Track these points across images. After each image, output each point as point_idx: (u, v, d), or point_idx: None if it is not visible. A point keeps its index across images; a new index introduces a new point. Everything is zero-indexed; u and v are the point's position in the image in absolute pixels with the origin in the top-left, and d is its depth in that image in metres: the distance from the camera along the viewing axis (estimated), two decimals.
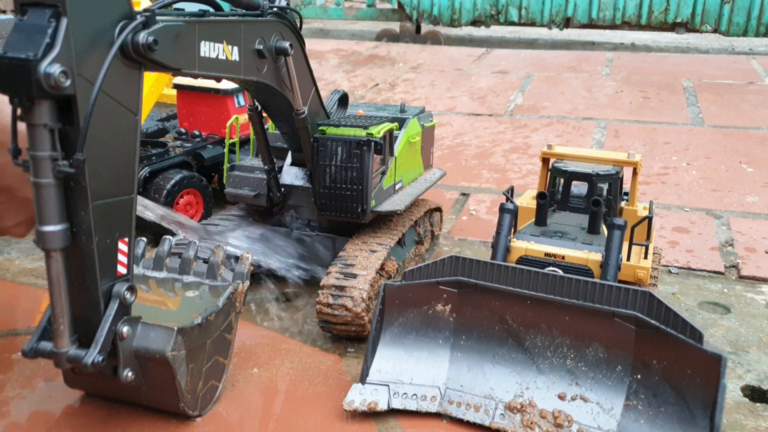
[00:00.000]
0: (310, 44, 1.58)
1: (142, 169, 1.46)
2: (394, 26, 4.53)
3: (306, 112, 1.12)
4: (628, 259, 1.06)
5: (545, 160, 1.24)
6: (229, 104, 1.70)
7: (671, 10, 3.73)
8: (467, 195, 1.86)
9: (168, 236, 1.03)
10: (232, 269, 0.99)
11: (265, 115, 1.20)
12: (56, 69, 0.63)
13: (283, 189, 1.27)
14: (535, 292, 0.93)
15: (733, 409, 0.97)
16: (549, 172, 1.23)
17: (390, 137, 1.21)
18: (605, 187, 1.16)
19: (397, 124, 1.26)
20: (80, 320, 0.76)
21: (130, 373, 0.81)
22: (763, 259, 1.45)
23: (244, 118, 1.56)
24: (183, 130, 1.70)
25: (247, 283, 0.99)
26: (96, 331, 0.75)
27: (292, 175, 1.27)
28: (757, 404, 0.99)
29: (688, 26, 3.75)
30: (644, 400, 0.87)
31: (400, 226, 1.28)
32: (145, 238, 1.03)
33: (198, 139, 1.68)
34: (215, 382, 0.95)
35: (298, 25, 1.07)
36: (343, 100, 1.31)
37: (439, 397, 0.95)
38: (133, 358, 0.82)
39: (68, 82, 0.64)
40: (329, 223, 1.30)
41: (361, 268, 1.12)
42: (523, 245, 1.05)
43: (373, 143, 1.12)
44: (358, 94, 2.82)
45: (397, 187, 1.28)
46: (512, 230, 1.07)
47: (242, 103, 1.73)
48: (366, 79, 3.08)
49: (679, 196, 1.80)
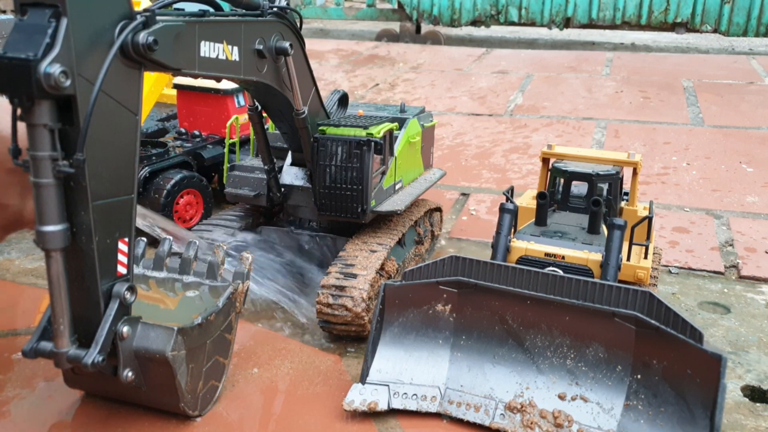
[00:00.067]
0: (310, 44, 1.58)
1: (142, 169, 1.46)
2: (394, 26, 4.52)
3: (306, 112, 1.12)
4: (628, 259, 1.06)
5: (545, 160, 1.24)
6: (229, 104, 1.70)
7: (671, 10, 3.73)
8: (467, 195, 1.86)
9: (168, 236, 1.03)
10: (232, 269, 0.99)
11: (265, 115, 1.20)
12: (56, 69, 0.63)
13: (283, 189, 1.27)
14: (535, 292, 0.93)
15: (733, 409, 0.97)
16: (549, 172, 1.23)
17: (390, 137, 1.21)
18: (605, 187, 1.16)
19: (397, 124, 1.26)
20: (80, 320, 0.76)
21: (130, 373, 0.81)
22: (763, 259, 1.45)
23: (244, 118, 1.56)
24: (183, 130, 1.70)
25: (248, 283, 0.99)
26: (96, 331, 0.75)
27: (292, 175, 1.27)
28: (757, 404, 0.99)
29: (688, 26, 3.75)
30: (644, 400, 0.87)
31: (400, 226, 1.28)
32: (145, 238, 1.03)
33: (198, 139, 1.68)
34: (215, 382, 0.95)
35: (298, 25, 1.07)
36: (343, 100, 1.31)
37: (439, 397, 0.95)
38: (133, 358, 0.82)
39: (68, 82, 0.65)
40: (329, 223, 1.30)
41: (361, 268, 1.12)
42: (523, 245, 1.05)
43: (373, 143, 1.12)
44: (358, 94, 2.82)
45: (397, 187, 1.28)
46: (512, 230, 1.07)
47: (242, 103, 1.73)
48: (366, 79, 3.08)
49: (679, 196, 1.80)
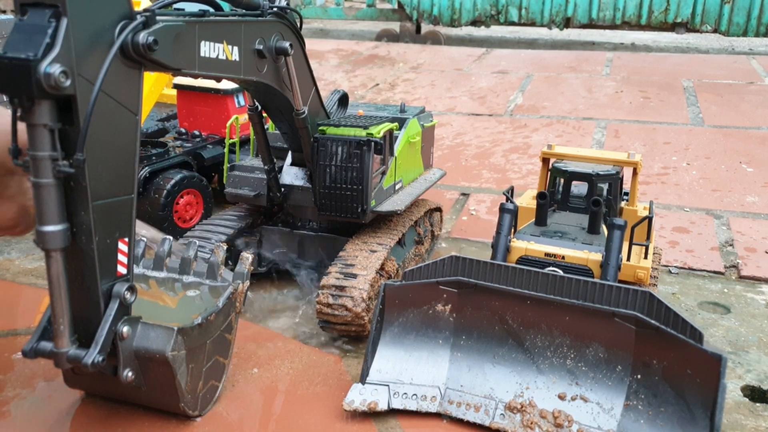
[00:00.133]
0: (310, 44, 1.58)
1: (142, 169, 1.46)
2: (394, 26, 4.52)
3: (306, 112, 1.12)
4: (628, 259, 1.06)
5: (545, 160, 1.24)
6: (229, 104, 1.70)
7: (671, 10, 3.73)
8: (467, 195, 1.86)
9: (168, 236, 1.03)
10: (231, 269, 0.99)
11: (265, 115, 1.20)
12: (56, 69, 0.63)
13: (283, 189, 1.27)
14: (535, 292, 0.93)
15: (733, 409, 0.97)
16: (549, 172, 1.23)
17: (390, 137, 1.21)
18: (605, 187, 1.17)
19: (397, 124, 1.26)
20: (80, 320, 0.75)
21: (130, 373, 0.81)
22: (763, 259, 1.45)
23: (244, 118, 1.56)
24: (183, 130, 1.70)
25: (247, 283, 0.99)
26: (96, 331, 0.75)
27: (292, 175, 1.27)
28: (757, 404, 0.99)
29: (688, 26, 3.75)
30: (644, 400, 0.87)
31: (400, 226, 1.28)
32: (145, 239, 1.03)
33: (198, 139, 1.68)
34: (215, 382, 0.95)
35: (298, 25, 1.07)
36: (343, 100, 1.31)
37: (439, 397, 0.95)
38: (133, 358, 0.82)
39: (68, 82, 0.64)
40: (329, 223, 1.30)
41: (361, 268, 1.12)
42: (523, 245, 1.05)
43: (373, 143, 1.13)
44: (358, 94, 2.82)
45: (397, 187, 1.28)
46: (512, 230, 1.07)
47: (242, 103, 1.73)
48: (366, 79, 3.08)
49: (679, 196, 1.80)
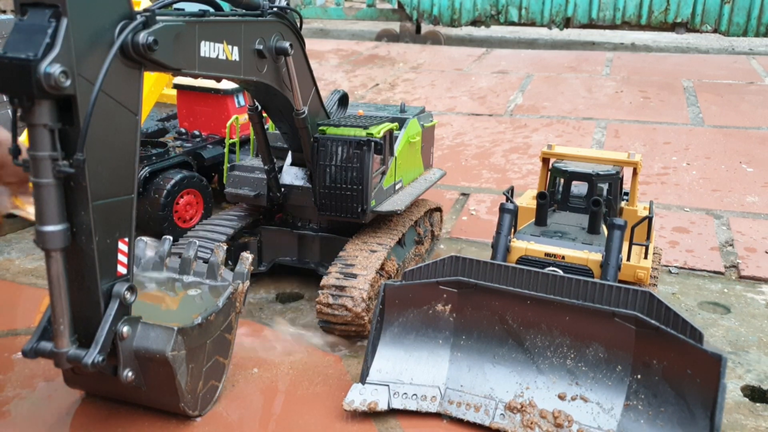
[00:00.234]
0: (310, 44, 1.58)
1: (142, 169, 1.46)
2: (394, 26, 4.52)
3: (306, 112, 1.12)
4: (628, 259, 1.06)
5: (545, 160, 1.24)
6: (229, 104, 1.70)
7: (671, 10, 3.73)
8: (467, 195, 1.85)
9: (168, 236, 1.03)
10: (232, 269, 0.99)
11: (265, 115, 1.20)
12: (56, 69, 0.63)
13: (283, 189, 1.27)
14: (535, 292, 0.93)
15: (733, 409, 0.97)
16: (549, 172, 1.23)
17: (390, 137, 1.21)
18: (605, 187, 1.16)
19: (397, 124, 1.26)
20: (80, 320, 0.76)
21: (130, 373, 0.81)
22: (763, 259, 1.45)
23: (244, 118, 1.56)
24: (183, 130, 1.70)
25: (247, 283, 0.99)
26: (96, 331, 0.75)
27: (292, 175, 1.27)
28: (757, 404, 0.99)
29: (688, 26, 3.75)
30: (644, 400, 0.87)
31: (400, 226, 1.28)
32: (145, 238, 1.03)
33: (198, 139, 1.68)
34: (215, 382, 0.95)
35: (298, 25, 1.07)
36: (343, 100, 1.31)
37: (439, 397, 0.95)
38: (133, 358, 0.82)
39: (68, 82, 0.65)
40: (329, 223, 1.30)
41: (361, 268, 1.11)
42: (523, 245, 1.05)
43: (373, 143, 1.12)
44: (358, 94, 2.82)
45: (397, 187, 1.28)
46: (512, 230, 1.07)
47: (242, 103, 1.73)
48: (366, 79, 3.08)
49: (679, 196, 1.80)
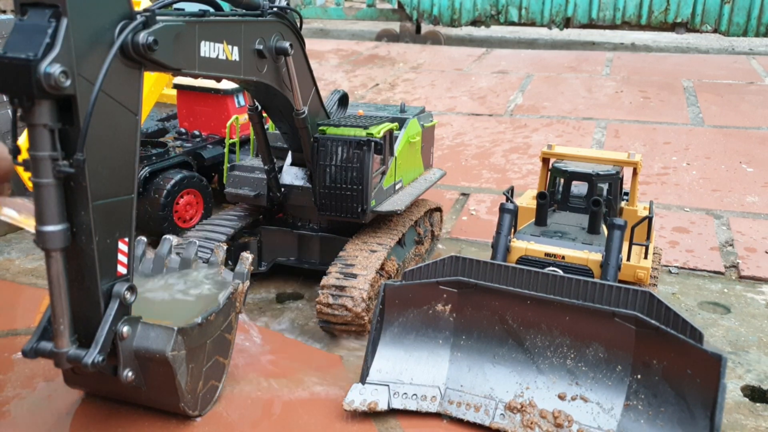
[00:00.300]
0: (310, 44, 1.58)
1: (142, 169, 1.46)
2: (394, 26, 4.52)
3: (306, 112, 1.12)
4: (628, 259, 1.06)
5: (545, 160, 1.24)
6: (229, 104, 1.70)
7: (671, 10, 3.73)
8: (467, 195, 1.85)
9: (168, 236, 1.03)
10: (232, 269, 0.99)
11: (265, 115, 1.20)
12: (56, 69, 0.63)
13: (283, 189, 1.27)
14: (535, 292, 0.93)
15: (733, 409, 0.97)
16: (549, 172, 1.23)
17: (390, 137, 1.21)
18: (605, 187, 1.16)
19: (397, 124, 1.26)
20: (80, 320, 0.76)
21: (130, 373, 0.81)
22: (763, 259, 1.45)
23: (244, 118, 1.56)
24: (183, 130, 1.70)
25: (247, 283, 0.99)
26: (96, 331, 0.75)
27: (292, 175, 1.27)
28: (757, 404, 0.99)
29: (688, 26, 3.75)
30: (644, 400, 0.87)
31: (400, 226, 1.28)
32: (145, 238, 1.03)
33: (198, 139, 1.68)
34: (215, 382, 0.95)
35: (298, 25, 1.07)
36: (343, 100, 1.31)
37: (439, 397, 0.95)
38: (133, 358, 0.82)
39: (68, 82, 0.64)
40: (329, 223, 1.30)
41: (361, 268, 1.11)
42: (523, 245, 1.05)
43: (373, 143, 1.12)
44: (358, 94, 2.82)
45: (397, 187, 1.28)
46: (512, 230, 1.07)
47: (242, 103, 1.73)
48: (366, 79, 3.08)
49: (679, 196, 1.80)
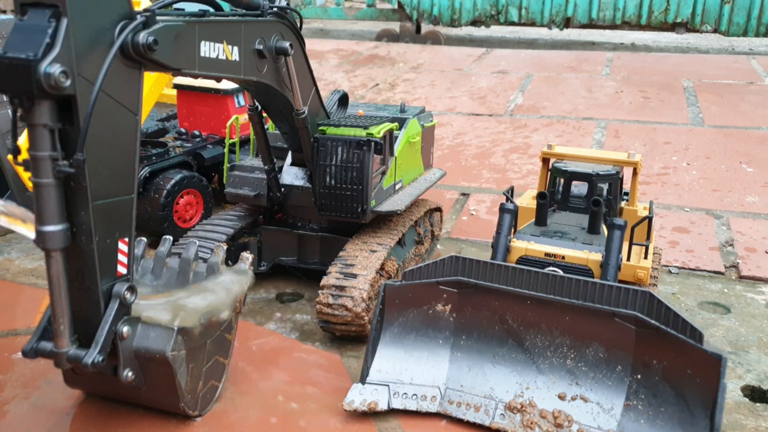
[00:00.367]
0: (310, 44, 1.58)
1: (142, 169, 1.46)
2: (394, 26, 4.52)
3: (306, 112, 1.12)
4: (628, 259, 1.06)
5: (545, 160, 1.24)
6: (229, 104, 1.70)
7: (671, 10, 3.73)
8: (467, 195, 1.86)
9: (168, 236, 1.03)
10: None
11: (265, 115, 1.20)
12: (56, 69, 0.63)
13: (283, 189, 1.27)
14: (535, 292, 0.93)
15: (733, 409, 0.97)
16: (549, 172, 1.23)
17: (390, 137, 1.21)
18: (605, 187, 1.16)
19: (397, 124, 1.26)
20: (80, 320, 0.75)
21: (130, 373, 0.81)
22: (763, 259, 1.45)
23: (244, 118, 1.56)
24: (183, 130, 1.70)
25: (248, 284, 0.99)
26: (96, 331, 0.75)
27: (292, 175, 1.27)
28: (757, 404, 0.99)
29: (688, 26, 3.75)
30: (644, 400, 0.87)
31: (400, 226, 1.28)
32: (145, 238, 1.03)
33: (198, 139, 1.68)
34: (215, 382, 0.95)
35: (298, 25, 1.07)
36: (343, 100, 1.31)
37: (439, 397, 0.95)
38: (133, 358, 0.82)
39: (68, 82, 0.64)
40: (329, 223, 1.30)
41: (361, 268, 1.11)
42: (523, 245, 1.05)
43: (373, 143, 1.12)
44: (358, 94, 2.82)
45: (397, 187, 1.28)
46: (512, 230, 1.07)
47: (242, 103, 1.73)
48: (366, 79, 3.08)
49: (679, 196, 1.80)
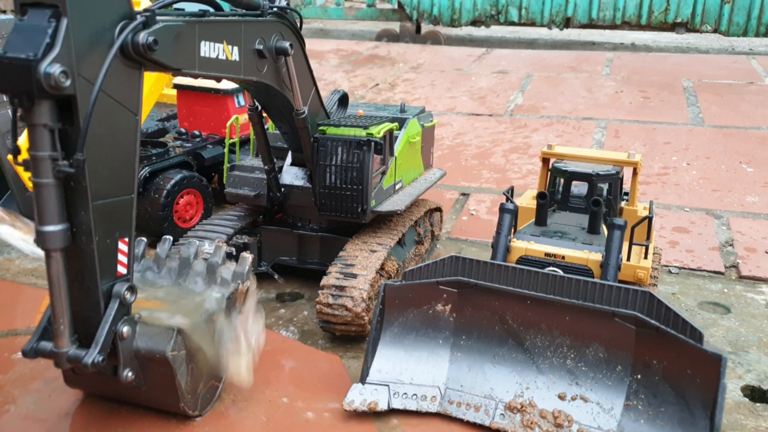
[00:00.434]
0: (310, 44, 1.58)
1: (142, 169, 1.45)
2: (394, 26, 4.52)
3: (306, 112, 1.12)
4: (628, 259, 1.06)
5: (545, 160, 1.24)
6: (229, 104, 1.70)
7: (671, 10, 3.73)
8: (467, 195, 1.85)
9: (168, 236, 1.03)
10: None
11: (265, 115, 1.20)
12: (56, 69, 0.63)
13: (283, 189, 1.27)
14: (535, 292, 0.93)
15: (733, 409, 0.97)
16: (549, 172, 1.23)
17: (390, 137, 1.21)
18: (605, 187, 1.16)
19: (397, 124, 1.26)
20: (80, 320, 0.75)
21: (130, 373, 0.81)
22: (763, 259, 1.45)
23: (244, 118, 1.56)
24: (183, 130, 1.70)
25: (248, 283, 0.99)
26: (96, 331, 0.75)
27: (292, 175, 1.27)
28: (757, 404, 0.99)
29: (688, 26, 3.75)
30: (644, 400, 0.87)
31: (400, 226, 1.28)
32: (145, 238, 1.03)
33: (198, 139, 1.68)
34: (215, 382, 0.95)
35: (298, 25, 1.07)
36: (343, 100, 1.31)
37: (439, 397, 0.95)
38: (133, 358, 0.82)
39: (68, 82, 0.64)
40: (329, 223, 1.30)
41: (361, 268, 1.11)
42: (523, 245, 1.05)
43: (373, 143, 1.12)
44: (358, 94, 2.82)
45: (397, 187, 1.28)
46: (512, 230, 1.07)
47: (242, 103, 1.73)
48: (366, 79, 3.08)
49: (679, 196, 1.80)
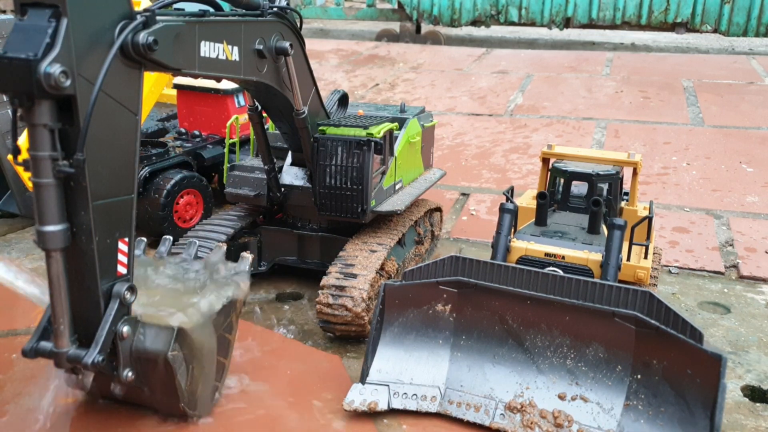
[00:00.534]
0: (310, 44, 1.58)
1: (142, 169, 1.46)
2: (394, 26, 4.52)
3: (306, 112, 1.12)
4: (628, 259, 1.06)
5: (545, 160, 1.24)
6: (229, 104, 1.70)
7: (671, 10, 3.73)
8: (467, 195, 1.86)
9: (168, 236, 1.03)
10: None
11: (265, 115, 1.20)
12: (56, 69, 0.63)
13: (283, 189, 1.27)
14: (535, 292, 0.93)
15: (733, 409, 0.97)
16: (549, 172, 1.23)
17: (390, 137, 1.21)
18: (605, 187, 1.16)
19: (397, 124, 1.26)
20: (80, 320, 0.76)
21: (130, 373, 0.81)
22: (763, 259, 1.45)
23: (244, 118, 1.56)
24: (183, 130, 1.70)
25: (248, 283, 0.99)
26: (96, 331, 0.75)
27: (292, 175, 1.27)
28: (757, 404, 0.99)
29: (688, 26, 3.75)
30: (644, 400, 0.87)
31: (400, 226, 1.28)
32: (144, 238, 1.03)
33: (198, 139, 1.68)
34: (215, 382, 0.95)
35: (298, 25, 1.07)
36: (343, 100, 1.31)
37: (439, 397, 0.95)
38: (133, 358, 0.82)
39: (68, 82, 0.64)
40: (329, 223, 1.30)
41: (361, 268, 1.11)
42: (523, 245, 1.05)
43: (373, 143, 1.13)
44: (358, 94, 2.82)
45: (397, 187, 1.28)
46: (512, 230, 1.07)
47: (242, 103, 1.73)
48: (366, 79, 3.08)
49: (679, 196, 1.80)
